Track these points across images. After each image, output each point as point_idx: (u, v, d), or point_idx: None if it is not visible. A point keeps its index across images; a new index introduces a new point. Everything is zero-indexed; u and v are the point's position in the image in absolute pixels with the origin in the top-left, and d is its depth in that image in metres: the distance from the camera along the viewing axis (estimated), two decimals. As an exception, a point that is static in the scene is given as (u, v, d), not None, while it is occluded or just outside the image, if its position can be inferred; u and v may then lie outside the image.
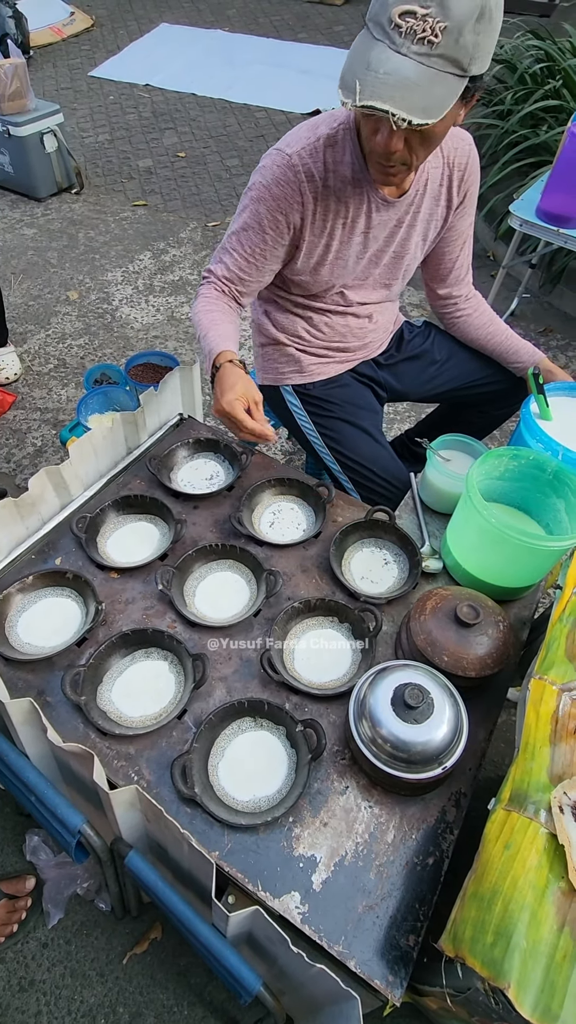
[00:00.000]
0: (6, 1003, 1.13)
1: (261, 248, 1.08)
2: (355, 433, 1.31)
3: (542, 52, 2.93)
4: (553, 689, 0.75)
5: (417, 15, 0.74)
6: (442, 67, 0.77)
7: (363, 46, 0.79)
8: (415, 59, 0.76)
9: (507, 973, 0.54)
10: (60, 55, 4.54)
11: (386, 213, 1.09)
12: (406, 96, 0.76)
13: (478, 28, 0.75)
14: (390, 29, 0.76)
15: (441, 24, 0.73)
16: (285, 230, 1.07)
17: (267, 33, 4.78)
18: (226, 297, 1.14)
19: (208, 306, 1.12)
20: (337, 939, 0.74)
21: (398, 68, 0.76)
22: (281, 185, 1.02)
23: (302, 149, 1.01)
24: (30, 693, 0.93)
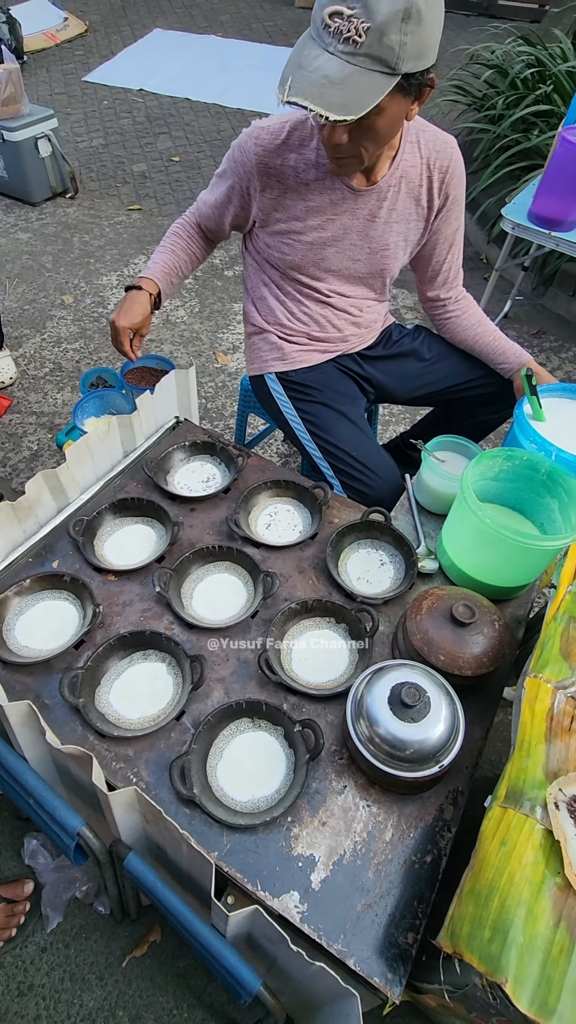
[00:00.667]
0: (5, 1008, 1.12)
1: (222, 200, 1.22)
2: (335, 417, 1.32)
3: (533, 58, 2.96)
4: (548, 687, 0.76)
5: (343, 15, 0.77)
6: (368, 65, 0.79)
7: (301, 44, 0.83)
8: (341, 57, 0.79)
9: (504, 968, 0.55)
10: (54, 60, 4.55)
11: (354, 202, 1.13)
12: (325, 93, 0.79)
13: (405, 28, 0.77)
14: (321, 29, 0.79)
15: (364, 24, 0.76)
16: (237, 192, 1.18)
17: (260, 38, 4.80)
18: (192, 226, 1.30)
19: (173, 230, 1.31)
20: (336, 938, 0.75)
21: (322, 66, 0.79)
22: (239, 150, 1.13)
23: (267, 125, 1.09)
24: (28, 696, 0.94)
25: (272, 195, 1.14)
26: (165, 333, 2.54)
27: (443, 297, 1.33)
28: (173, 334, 2.53)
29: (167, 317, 2.61)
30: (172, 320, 2.60)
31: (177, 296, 2.71)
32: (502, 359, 1.34)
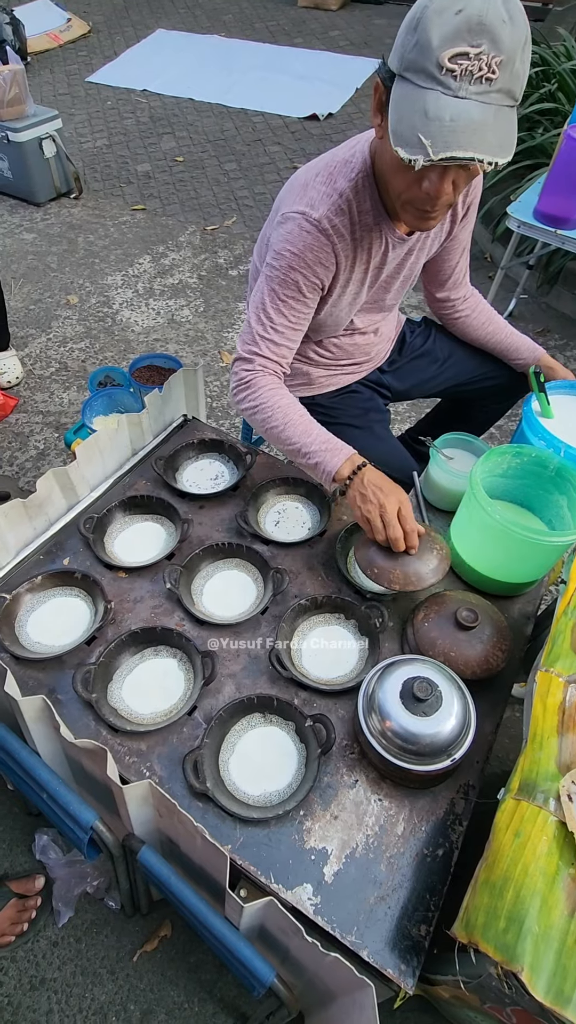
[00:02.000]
0: (18, 1001, 1.13)
1: (304, 313, 1.05)
2: (366, 438, 1.32)
3: (537, 56, 2.95)
4: (559, 681, 0.76)
5: (470, 55, 0.71)
6: (500, 101, 0.75)
7: (410, 99, 0.75)
8: (476, 100, 0.73)
9: (520, 957, 0.56)
10: (57, 61, 4.56)
11: (401, 248, 1.08)
12: (483, 139, 0.73)
13: (524, 56, 0.74)
14: (442, 75, 0.72)
15: (497, 59, 0.71)
16: (320, 291, 1.05)
17: (263, 39, 4.81)
18: (280, 380, 1.08)
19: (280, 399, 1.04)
20: (349, 930, 0.75)
21: (463, 113, 0.73)
22: (314, 251, 0.98)
23: (328, 211, 0.97)
24: (41, 691, 0.94)
25: (345, 276, 1.05)
26: (170, 332, 2.54)
27: (452, 298, 1.32)
28: (178, 333, 2.54)
29: (172, 317, 2.62)
30: (177, 319, 2.60)
31: (181, 296, 2.72)
32: (516, 355, 1.34)
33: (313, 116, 3.89)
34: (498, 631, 0.95)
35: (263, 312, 1.03)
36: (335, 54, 4.55)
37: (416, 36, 0.73)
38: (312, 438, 1.02)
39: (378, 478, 0.98)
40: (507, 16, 0.71)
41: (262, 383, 1.05)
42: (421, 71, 0.74)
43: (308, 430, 1.02)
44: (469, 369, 1.40)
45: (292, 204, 0.99)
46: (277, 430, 1.03)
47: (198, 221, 3.16)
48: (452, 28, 0.70)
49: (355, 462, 1.00)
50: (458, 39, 0.70)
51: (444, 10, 0.71)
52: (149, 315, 2.63)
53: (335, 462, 0.99)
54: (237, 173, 3.49)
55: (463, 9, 0.70)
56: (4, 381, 2.26)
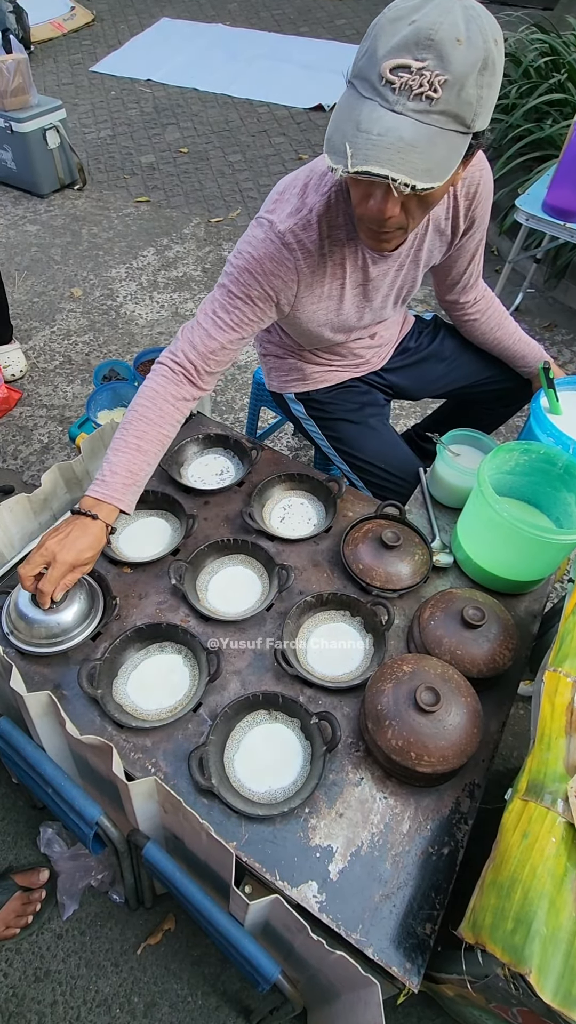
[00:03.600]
0: (22, 993, 1.14)
1: (250, 319, 1.00)
2: (361, 432, 1.31)
3: (546, 46, 2.91)
4: (568, 681, 0.76)
5: (412, 69, 0.66)
6: (443, 124, 0.69)
7: (350, 106, 0.72)
8: (412, 117, 0.68)
9: (528, 959, 0.55)
10: (61, 50, 4.52)
11: (384, 264, 1.04)
12: (405, 159, 0.68)
13: (481, 80, 0.68)
14: (381, 86, 0.68)
15: (441, 78, 0.66)
16: (273, 303, 1.01)
17: (268, 27, 4.76)
18: (183, 380, 1.02)
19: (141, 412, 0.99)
20: (355, 927, 0.75)
21: (393, 128, 0.68)
22: (275, 261, 0.96)
23: (295, 225, 0.94)
24: (47, 687, 0.94)
25: (315, 294, 1.03)
26: (175, 326, 2.53)
27: (461, 301, 1.28)
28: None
29: (176, 310, 2.60)
30: (181, 313, 2.59)
31: (186, 288, 2.71)
32: (523, 362, 1.32)
33: (319, 107, 3.85)
34: (505, 629, 0.95)
35: (210, 302, 1.01)
36: (341, 43, 4.50)
37: (368, 43, 0.70)
38: (114, 459, 0.97)
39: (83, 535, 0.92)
40: (464, 36, 0.66)
41: (157, 378, 1.01)
42: (365, 80, 0.70)
43: (119, 448, 0.98)
44: (475, 372, 1.38)
45: (266, 210, 0.97)
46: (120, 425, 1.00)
47: (202, 213, 3.14)
48: (400, 38, 0.66)
49: (94, 508, 0.94)
50: (403, 50, 0.66)
51: (399, 19, 0.67)
52: (153, 308, 2.61)
53: (92, 491, 0.96)
54: (242, 164, 3.46)
55: (416, 20, 0.66)
56: (8, 374, 2.25)
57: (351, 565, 1.06)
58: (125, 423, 0.99)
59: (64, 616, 0.96)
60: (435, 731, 0.79)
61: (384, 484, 1.29)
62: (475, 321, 1.31)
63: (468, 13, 0.67)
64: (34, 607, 0.95)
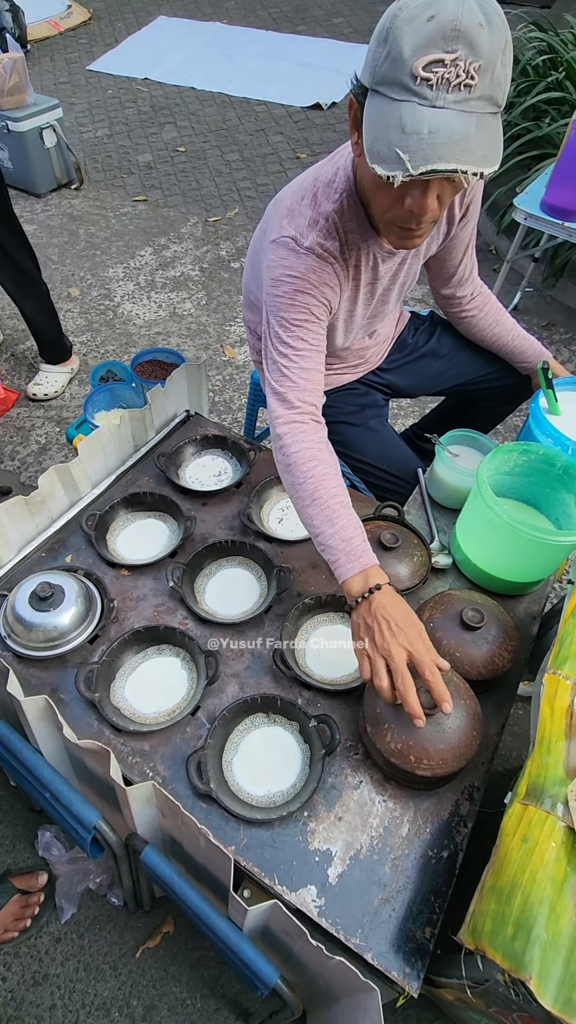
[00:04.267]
0: (21, 997, 1.14)
1: (320, 334, 0.97)
2: (361, 434, 1.30)
3: (544, 44, 2.91)
4: (567, 684, 0.75)
5: (445, 62, 0.66)
6: (482, 109, 0.70)
7: (384, 113, 0.71)
8: (454, 108, 0.68)
9: (528, 965, 0.55)
10: (58, 49, 4.51)
11: (392, 260, 1.05)
12: (465, 149, 0.68)
13: (505, 59, 0.69)
14: (416, 85, 0.68)
15: (475, 64, 0.67)
16: (329, 312, 1.00)
17: (266, 26, 4.75)
18: (316, 432, 0.95)
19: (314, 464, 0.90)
20: (354, 932, 0.75)
21: (443, 124, 0.68)
22: (317, 272, 0.94)
23: (318, 236, 0.93)
24: (44, 691, 0.94)
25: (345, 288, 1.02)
26: (172, 326, 2.52)
27: (459, 295, 1.28)
28: (180, 327, 2.52)
29: (174, 310, 2.60)
30: (179, 313, 2.58)
31: (183, 288, 2.70)
32: (522, 358, 1.32)
33: (316, 105, 3.84)
34: (504, 631, 0.94)
35: (280, 343, 0.95)
36: (339, 41, 4.49)
37: (387, 47, 0.69)
38: (335, 529, 0.87)
39: (393, 609, 0.81)
40: (484, 19, 0.66)
41: (300, 436, 0.93)
42: (395, 83, 0.69)
43: (333, 517, 0.88)
44: (474, 369, 1.38)
45: (280, 229, 0.95)
46: (303, 500, 0.90)
47: (200, 212, 3.13)
48: (425, 35, 0.66)
49: (369, 580, 0.84)
50: (432, 46, 0.66)
51: (415, 18, 0.67)
52: (151, 308, 2.61)
53: (348, 570, 0.85)
54: (239, 163, 3.45)
55: (435, 15, 0.66)
56: (40, 393, 2.20)
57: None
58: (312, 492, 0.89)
59: (61, 619, 0.95)
60: (435, 734, 0.78)
61: (385, 485, 1.29)
62: (472, 318, 1.31)
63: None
64: (32, 610, 0.95)
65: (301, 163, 3.44)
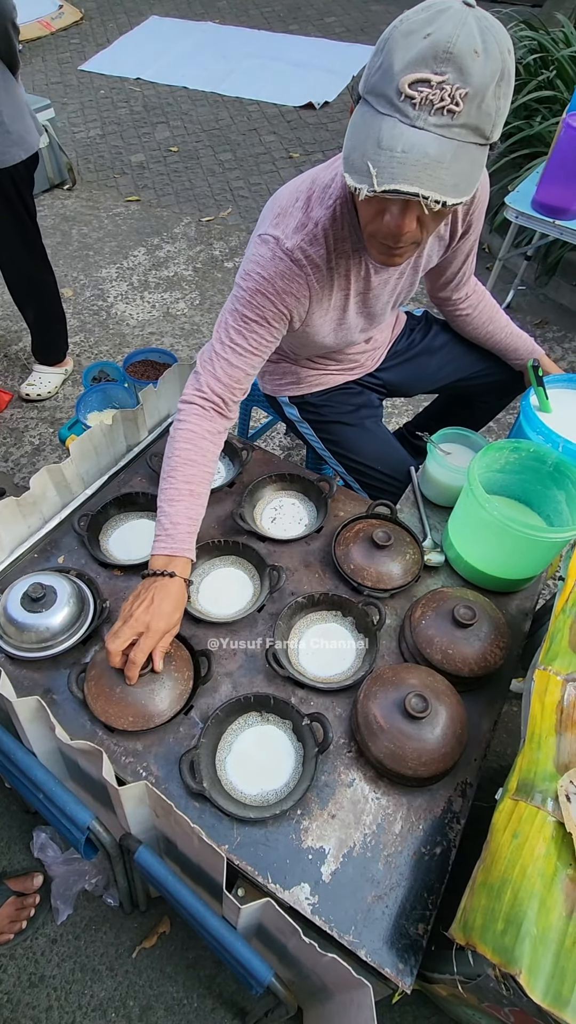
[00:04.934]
0: (17, 999, 1.14)
1: (266, 340, 0.98)
2: (357, 434, 1.31)
3: (535, 43, 2.91)
4: (558, 680, 0.76)
5: (432, 83, 0.65)
6: (465, 137, 0.68)
7: (367, 123, 0.70)
8: (434, 132, 0.67)
9: (518, 960, 0.55)
10: (49, 49, 4.50)
11: (386, 273, 1.04)
12: (433, 175, 0.67)
13: (498, 92, 0.68)
14: (400, 101, 0.67)
15: (462, 91, 0.65)
16: (286, 320, 0.99)
17: (258, 25, 4.74)
18: (214, 416, 0.99)
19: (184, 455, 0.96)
20: (347, 929, 0.75)
21: (417, 144, 0.67)
22: (285, 279, 0.93)
23: (302, 240, 0.92)
24: (36, 691, 0.94)
25: (323, 306, 1.01)
26: (166, 326, 2.52)
27: (454, 298, 1.29)
28: (174, 327, 2.52)
29: (168, 310, 2.59)
30: (172, 313, 2.58)
31: (177, 288, 2.70)
32: (515, 355, 1.32)
33: (309, 104, 3.84)
34: (496, 628, 0.95)
35: (224, 330, 0.97)
36: (331, 41, 4.49)
37: (381, 58, 0.68)
38: (172, 509, 0.94)
39: (163, 596, 0.88)
40: (481, 47, 0.65)
41: (191, 417, 0.98)
42: (381, 95, 0.68)
43: (175, 498, 0.94)
44: (468, 365, 1.38)
45: (269, 226, 0.94)
46: (163, 473, 0.97)
47: (193, 212, 3.13)
48: (417, 52, 0.65)
49: (169, 566, 0.91)
50: (421, 65, 0.65)
51: (413, 32, 0.66)
52: (144, 308, 2.60)
53: (161, 548, 0.92)
54: (232, 163, 3.45)
55: (432, 33, 0.64)
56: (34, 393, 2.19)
57: (342, 565, 1.06)
58: (170, 470, 0.96)
59: (54, 620, 0.95)
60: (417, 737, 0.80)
61: (380, 485, 1.29)
62: (467, 316, 1.32)
63: (482, 24, 0.66)
64: (24, 611, 0.94)
65: (294, 162, 3.44)
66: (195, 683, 0.93)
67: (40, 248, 1.90)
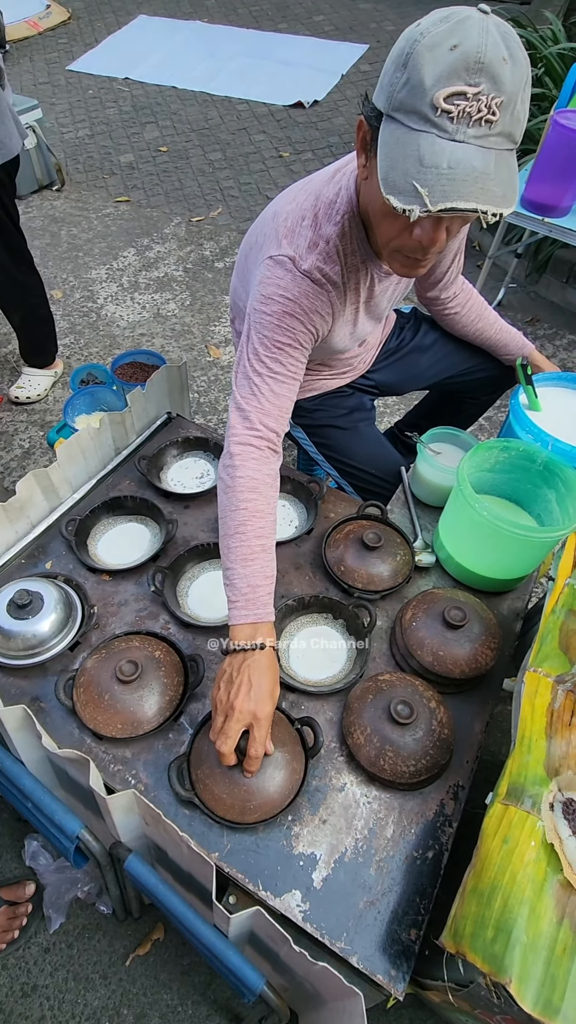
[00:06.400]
0: (9, 1009, 1.12)
1: (300, 362, 0.94)
2: (350, 437, 1.30)
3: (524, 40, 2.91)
4: (548, 681, 0.75)
5: (468, 95, 0.64)
6: (500, 145, 0.68)
7: (401, 142, 0.68)
8: (474, 144, 0.66)
9: (508, 968, 0.55)
10: (37, 49, 4.47)
11: (387, 280, 1.04)
12: (484, 188, 0.66)
13: (525, 96, 0.68)
14: (436, 116, 0.66)
15: (497, 100, 0.65)
16: (315, 339, 0.98)
17: (247, 24, 4.72)
18: (268, 462, 0.92)
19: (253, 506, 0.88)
20: (339, 936, 0.75)
21: (463, 159, 0.66)
22: (311, 298, 0.91)
23: (316, 258, 0.91)
24: (24, 699, 0.93)
25: (337, 320, 1.01)
26: (156, 327, 2.51)
27: (443, 297, 1.28)
28: (164, 328, 2.50)
29: (158, 311, 2.58)
30: (163, 314, 2.57)
31: (167, 289, 2.68)
32: (505, 351, 1.32)
33: (299, 103, 3.83)
34: (487, 629, 0.94)
35: (258, 361, 0.91)
36: (320, 39, 4.48)
37: (407, 73, 0.66)
38: (247, 571, 0.86)
39: (260, 674, 0.80)
40: (507, 53, 0.64)
41: (248, 463, 0.90)
42: (413, 112, 0.67)
43: (249, 557, 0.86)
44: (458, 362, 1.38)
45: (279, 247, 0.92)
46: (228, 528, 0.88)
47: (183, 212, 3.11)
48: (447, 65, 0.64)
49: (257, 635, 0.83)
50: (454, 77, 0.64)
51: (437, 45, 0.64)
52: (134, 309, 2.59)
53: (243, 616, 0.84)
54: (222, 163, 3.44)
55: (459, 45, 0.63)
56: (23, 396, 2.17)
57: (333, 567, 1.05)
58: (237, 524, 0.87)
59: (41, 627, 0.94)
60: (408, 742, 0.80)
61: (373, 487, 1.29)
62: (456, 315, 1.31)
63: (502, 30, 0.66)
64: (10, 618, 0.93)
65: (284, 162, 3.43)
66: (185, 689, 0.92)
67: (24, 252, 1.88)
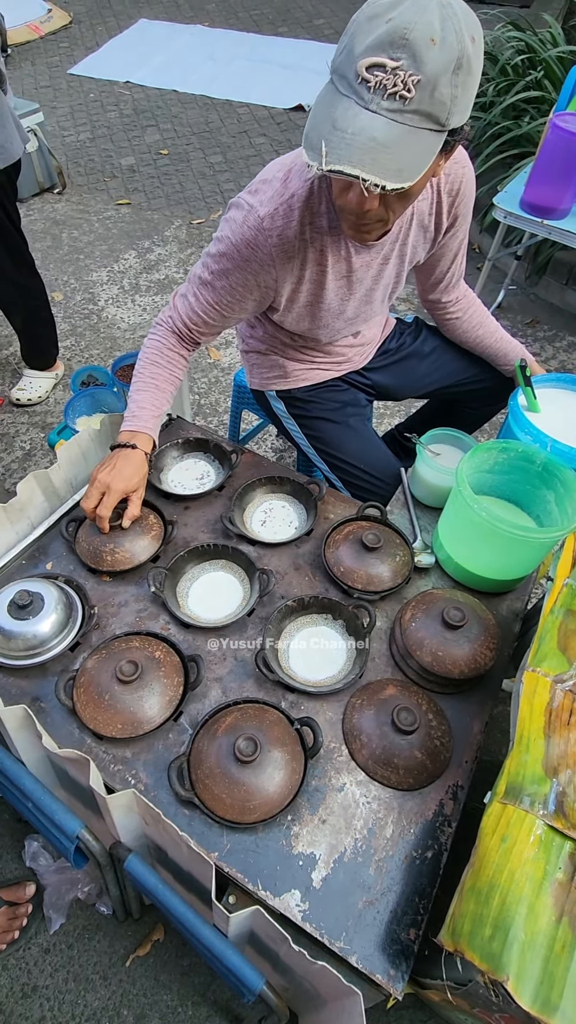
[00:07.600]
0: (9, 1010, 1.12)
1: (228, 300, 1.05)
2: (341, 431, 1.30)
3: (523, 43, 2.92)
4: (546, 681, 0.75)
5: (387, 68, 0.66)
6: (417, 123, 0.69)
7: (328, 102, 0.71)
8: (386, 116, 0.68)
9: (506, 966, 0.55)
10: (38, 53, 4.49)
11: (368, 254, 1.04)
12: (377, 159, 0.68)
13: (455, 80, 0.68)
14: (357, 84, 0.68)
15: (415, 78, 0.66)
16: (255, 287, 1.03)
17: (247, 28, 4.74)
18: (177, 341, 1.13)
19: (151, 357, 1.12)
20: (338, 935, 0.75)
21: (367, 127, 0.68)
22: (251, 247, 0.97)
23: (275, 211, 0.94)
24: (24, 699, 0.93)
25: (293, 277, 1.03)
26: (157, 329, 2.51)
27: (443, 300, 1.29)
28: (165, 330, 2.51)
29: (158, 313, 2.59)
30: (163, 316, 2.57)
31: (168, 291, 2.69)
32: (504, 360, 1.32)
33: (299, 107, 3.84)
34: (486, 629, 0.94)
35: (197, 275, 1.07)
36: (320, 43, 4.50)
37: (347, 40, 0.69)
38: (139, 396, 1.10)
39: (128, 463, 1.05)
40: (439, 36, 0.65)
41: (157, 336, 1.13)
42: (343, 77, 0.70)
43: (142, 388, 1.11)
44: (457, 371, 1.38)
45: (248, 192, 0.97)
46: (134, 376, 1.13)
47: (184, 215, 3.12)
48: (376, 37, 0.66)
49: (132, 439, 1.07)
50: (379, 49, 0.66)
51: (376, 16, 0.67)
52: (135, 311, 2.60)
53: (126, 426, 1.09)
54: (223, 165, 3.45)
55: (393, 19, 0.65)
56: (24, 398, 2.18)
57: (332, 568, 1.05)
58: (139, 369, 1.12)
59: (41, 627, 0.94)
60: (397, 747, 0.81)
61: (363, 485, 1.29)
62: (456, 320, 1.32)
63: (444, 12, 0.66)
64: (11, 618, 0.94)
65: (284, 164, 3.44)
66: (185, 689, 0.92)
67: (26, 255, 1.89)
